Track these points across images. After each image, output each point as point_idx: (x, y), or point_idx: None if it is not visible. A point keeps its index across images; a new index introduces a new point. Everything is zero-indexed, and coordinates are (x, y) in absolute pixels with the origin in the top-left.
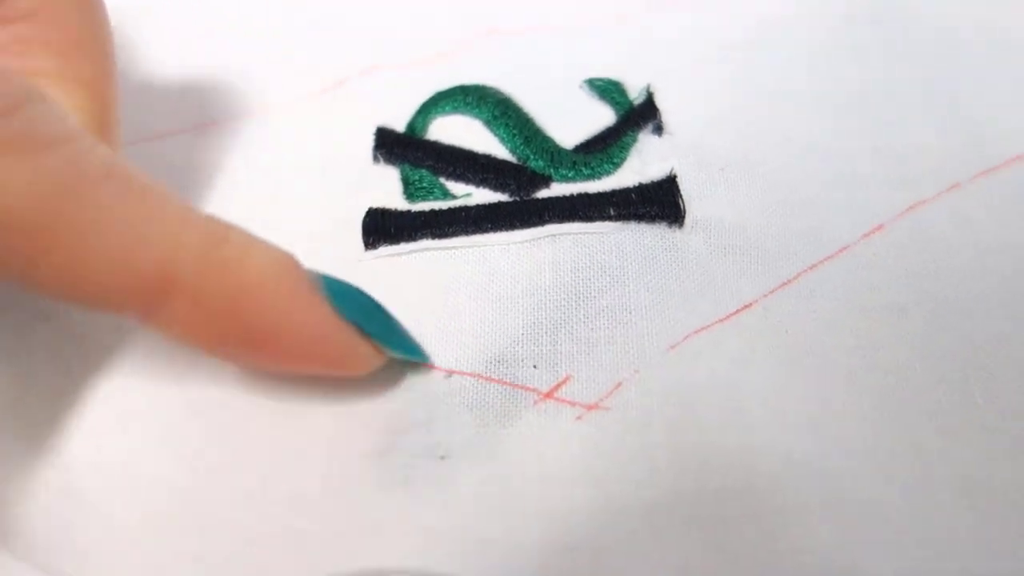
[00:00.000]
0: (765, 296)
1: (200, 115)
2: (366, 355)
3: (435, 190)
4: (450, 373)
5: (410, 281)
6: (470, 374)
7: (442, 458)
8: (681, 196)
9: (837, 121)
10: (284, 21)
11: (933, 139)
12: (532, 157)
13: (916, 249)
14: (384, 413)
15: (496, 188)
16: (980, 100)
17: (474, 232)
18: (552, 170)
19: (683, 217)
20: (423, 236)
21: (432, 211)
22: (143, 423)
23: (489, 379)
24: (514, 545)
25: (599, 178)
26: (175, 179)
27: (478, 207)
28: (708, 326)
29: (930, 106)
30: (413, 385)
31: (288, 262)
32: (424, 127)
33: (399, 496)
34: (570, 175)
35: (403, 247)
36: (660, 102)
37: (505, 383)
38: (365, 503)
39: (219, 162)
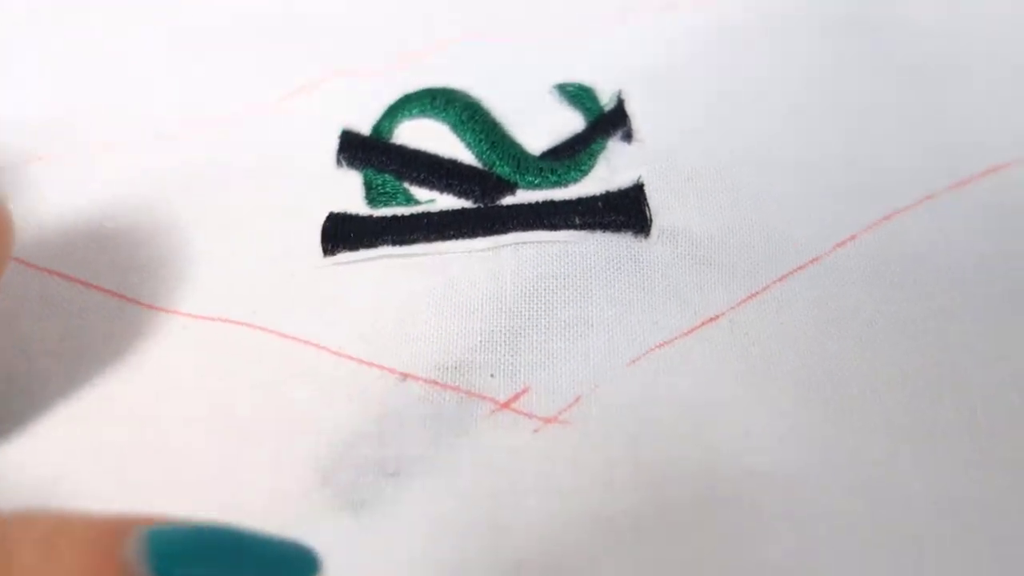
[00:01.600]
0: (732, 308)
1: (158, 123)
2: None
3: (398, 195)
4: (404, 376)
5: (368, 288)
6: (425, 379)
7: (393, 475)
8: (648, 205)
9: (810, 131)
10: (246, 25)
11: (907, 150)
12: (498, 163)
13: (888, 260)
14: (333, 422)
15: (460, 194)
16: (955, 111)
17: (436, 239)
18: (518, 176)
19: (649, 226)
20: (383, 243)
21: (393, 217)
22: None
23: (445, 386)
24: (467, 563)
25: (566, 185)
26: (136, 188)
27: (441, 213)
28: (671, 340)
29: (905, 117)
30: (364, 392)
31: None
32: (390, 130)
33: (348, 521)
34: (536, 182)
35: (362, 254)
36: (630, 108)
37: (461, 391)
38: (313, 525)
39: (179, 170)
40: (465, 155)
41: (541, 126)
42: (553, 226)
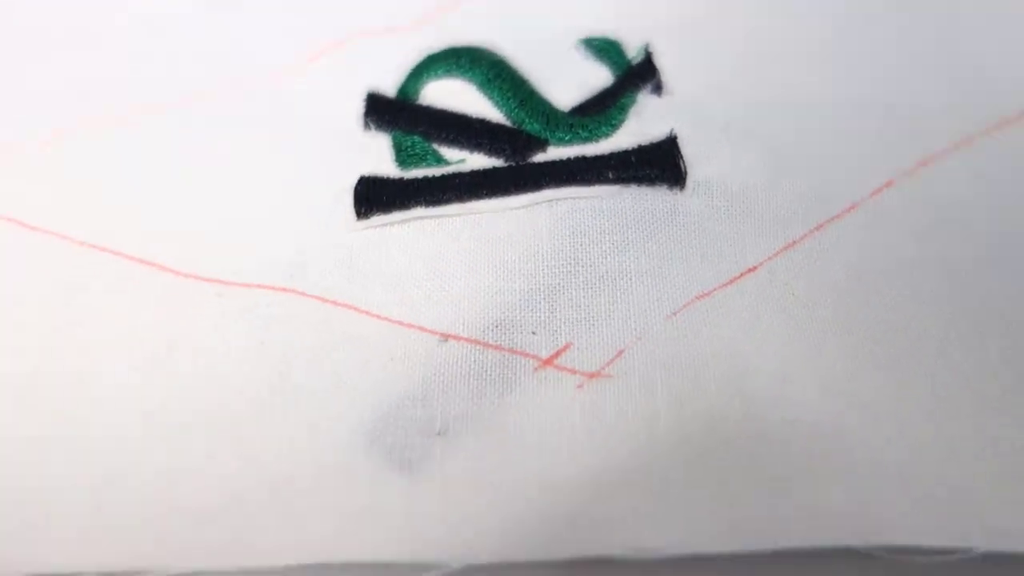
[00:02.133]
0: (770, 258)
1: (184, 88)
2: None
3: (428, 156)
4: (445, 337)
5: (403, 250)
6: (466, 339)
7: (440, 434)
8: (682, 157)
9: (843, 75)
10: None
11: (944, 91)
12: (527, 120)
13: (927, 205)
14: (377, 384)
15: (491, 153)
16: (992, 50)
17: (469, 199)
18: (548, 133)
19: (684, 179)
20: (416, 204)
21: (425, 178)
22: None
23: (486, 345)
24: (515, 519)
25: (597, 141)
26: (163, 155)
27: (472, 173)
28: (710, 292)
29: (940, 57)
30: (407, 353)
31: None
32: (416, 91)
33: (397, 480)
34: (567, 138)
35: (396, 216)
36: (659, 61)
37: (503, 349)
38: (361, 486)
39: (206, 137)
40: (493, 113)
41: (569, 81)
42: (587, 182)
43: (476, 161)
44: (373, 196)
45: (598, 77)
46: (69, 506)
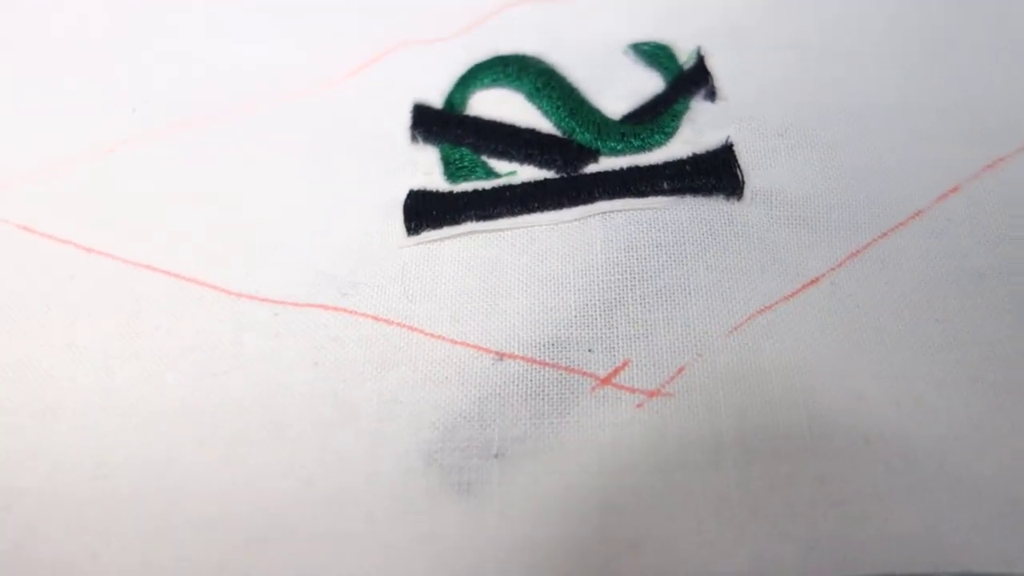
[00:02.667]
0: (832, 269)
1: (229, 103)
2: None
3: (477, 169)
4: (501, 356)
5: (455, 266)
6: (522, 357)
7: (497, 456)
8: (739, 166)
9: (902, 77)
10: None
11: (1008, 91)
12: (578, 130)
13: (995, 210)
14: (432, 404)
15: (542, 164)
16: None
17: (521, 212)
18: (600, 143)
19: (742, 188)
20: (467, 219)
21: (475, 191)
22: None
23: (543, 363)
24: (575, 544)
25: (650, 150)
26: (211, 172)
27: (524, 185)
28: (772, 305)
29: (1001, 56)
30: (462, 373)
31: None
32: (463, 102)
33: (455, 504)
34: (619, 148)
35: (446, 231)
36: (712, 65)
37: (560, 367)
38: (416, 508)
39: (252, 153)
40: (543, 123)
41: (619, 89)
42: (641, 193)
43: (527, 173)
44: (423, 211)
45: (649, 83)
46: (128, 523)
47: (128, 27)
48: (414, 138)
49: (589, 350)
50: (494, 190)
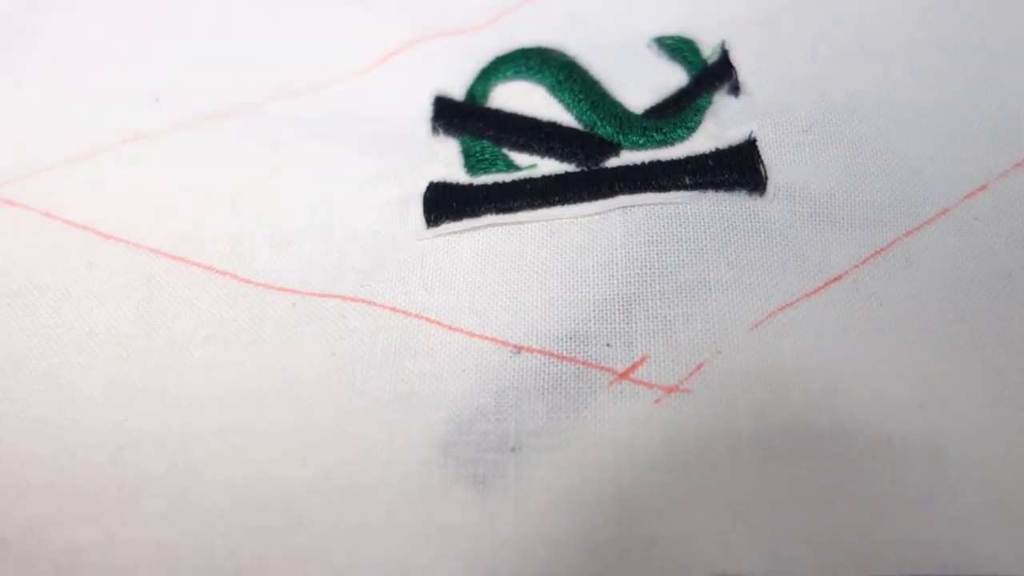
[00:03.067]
0: (856, 267)
1: (251, 95)
2: None
3: (498, 162)
4: (519, 349)
5: (474, 258)
6: (540, 351)
7: (513, 450)
8: (762, 161)
9: (931, 75)
10: None
11: None
12: (600, 124)
13: (1023, 210)
14: (450, 397)
15: (563, 158)
16: None
17: (541, 205)
18: (621, 137)
19: (765, 184)
20: (487, 211)
21: (496, 184)
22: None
23: (560, 357)
24: (591, 539)
25: (672, 144)
26: (230, 163)
27: (544, 179)
28: (794, 302)
29: None
30: (479, 365)
31: None
32: (485, 94)
33: (470, 496)
34: (641, 142)
35: (466, 223)
36: (736, 59)
37: (578, 361)
38: (431, 499)
39: (273, 143)
40: (564, 117)
41: (642, 82)
42: (662, 187)
43: (547, 166)
44: (443, 203)
45: (672, 77)
46: (144, 509)
47: (152, 17)
48: (435, 130)
49: (607, 344)
50: (514, 183)
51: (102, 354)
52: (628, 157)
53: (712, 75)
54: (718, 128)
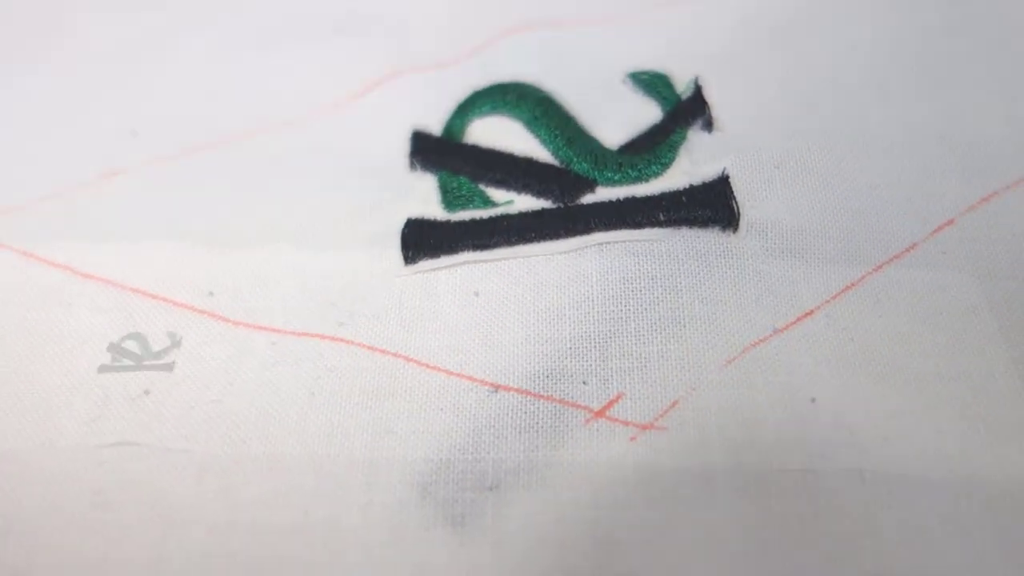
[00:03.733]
0: (827, 302)
1: (229, 128)
2: None
3: (475, 198)
4: (496, 388)
5: (452, 295)
6: (517, 390)
7: (491, 489)
8: (734, 197)
9: (900, 110)
10: (305, 26)
11: (1004, 124)
12: (576, 160)
13: (991, 243)
14: (427, 436)
15: (539, 194)
16: None
17: (517, 242)
18: (597, 173)
19: (738, 220)
20: (464, 248)
21: (473, 221)
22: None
23: (538, 395)
24: None
25: (647, 180)
26: (204, 199)
27: (521, 215)
28: (767, 338)
29: (999, 88)
30: (457, 404)
31: None
32: (461, 129)
33: (448, 535)
34: (616, 178)
35: (443, 260)
36: (709, 95)
37: (554, 400)
38: (410, 539)
39: (249, 179)
40: (541, 152)
41: (617, 118)
42: (637, 224)
43: (524, 202)
44: (421, 240)
45: (647, 113)
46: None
47: (130, 51)
48: (412, 165)
49: (584, 382)
50: (491, 220)
51: (80, 396)
52: (604, 193)
53: (686, 111)
54: (692, 164)
